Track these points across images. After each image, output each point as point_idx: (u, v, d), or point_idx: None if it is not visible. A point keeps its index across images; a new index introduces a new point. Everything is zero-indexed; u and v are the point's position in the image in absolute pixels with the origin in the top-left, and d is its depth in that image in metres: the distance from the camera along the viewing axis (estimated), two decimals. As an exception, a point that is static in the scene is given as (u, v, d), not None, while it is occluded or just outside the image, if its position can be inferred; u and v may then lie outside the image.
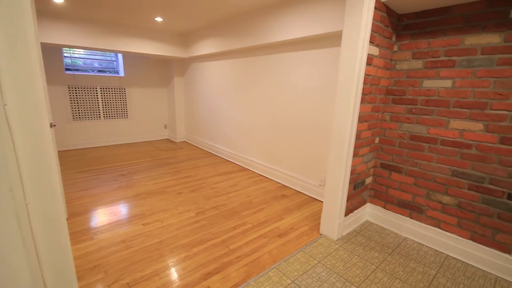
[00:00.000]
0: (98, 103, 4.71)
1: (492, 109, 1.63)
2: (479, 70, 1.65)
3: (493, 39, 1.59)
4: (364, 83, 1.83)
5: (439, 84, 1.82)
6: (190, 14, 3.28)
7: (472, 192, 1.76)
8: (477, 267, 1.78)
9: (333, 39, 2.46)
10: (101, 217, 2.30)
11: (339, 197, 1.96)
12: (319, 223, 2.30)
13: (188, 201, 2.65)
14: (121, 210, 2.44)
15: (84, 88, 4.51)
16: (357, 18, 1.66)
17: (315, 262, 1.79)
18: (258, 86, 3.41)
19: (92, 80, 4.57)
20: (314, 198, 2.83)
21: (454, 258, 1.88)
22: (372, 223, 2.33)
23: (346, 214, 2.11)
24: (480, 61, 1.64)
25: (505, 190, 1.63)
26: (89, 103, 4.63)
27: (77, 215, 2.32)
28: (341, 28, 2.19)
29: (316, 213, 2.49)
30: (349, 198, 2.07)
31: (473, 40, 1.66)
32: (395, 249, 1.96)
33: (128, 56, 4.90)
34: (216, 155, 4.49)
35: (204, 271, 1.67)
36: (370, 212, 2.35)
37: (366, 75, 1.82)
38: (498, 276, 1.69)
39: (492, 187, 1.68)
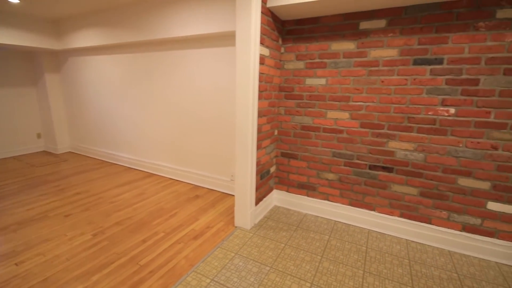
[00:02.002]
0: None
1: (353, 101, 2.09)
2: (343, 70, 2.07)
3: (349, 45, 2.02)
4: (260, 81, 1.99)
5: (317, 82, 2.19)
6: (59, -3, 2.70)
7: (347, 167, 2.22)
8: (355, 226, 2.26)
9: (233, 38, 2.55)
10: None
11: (248, 189, 2.08)
12: (233, 217, 2.38)
13: (80, 223, 2.23)
14: (-24, 254, 1.81)
15: None
16: (246, 20, 1.77)
17: (233, 254, 1.85)
18: (162, 84, 3.18)
19: None
20: (227, 194, 2.90)
21: (340, 222, 2.32)
22: (279, 207, 2.60)
23: (257, 203, 2.27)
24: (343, 63, 2.06)
25: (367, 163, 2.13)
26: None
27: None
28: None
29: (230, 208, 2.57)
30: (257, 188, 2.23)
31: (336, 46, 2.06)
32: (298, 225, 2.25)
33: (-35, 46, 3.61)
34: (115, 163, 3.94)
35: (110, 298, 1.46)
36: (277, 197, 2.61)
37: (260, 73, 1.98)
38: (370, 230, 2.21)
39: (358, 161, 2.16)
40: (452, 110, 1.78)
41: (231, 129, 2.75)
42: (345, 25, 2.00)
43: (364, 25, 1.94)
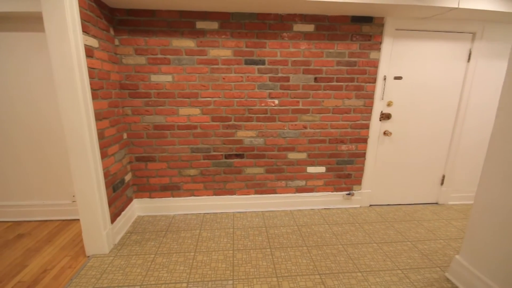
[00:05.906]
0: None
1: (202, 97, 2.19)
2: (188, 67, 2.11)
3: (190, 43, 2.07)
4: (91, 77, 1.67)
5: (164, 78, 2.11)
6: None
7: (206, 161, 2.32)
8: (222, 212, 2.44)
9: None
10: None
11: (98, 207, 1.75)
12: (84, 246, 1.93)
13: None
14: None
15: None
16: (57, 1, 1.42)
17: (88, 291, 1.51)
18: None
19: None
20: (70, 220, 2.31)
21: (208, 213, 2.43)
22: (143, 216, 2.36)
23: (113, 220, 1.95)
24: (186, 60, 2.10)
25: (222, 153, 2.32)
26: None
27: None
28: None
29: (77, 236, 2.07)
30: (111, 202, 1.92)
31: (177, 42, 2.06)
32: (168, 229, 2.15)
33: None
34: None
35: None
36: (138, 206, 2.36)
37: (91, 68, 1.67)
38: (235, 212, 2.44)
39: (215, 153, 2.32)
40: (276, 101, 2.25)
41: (62, 138, 2.17)
42: (182, 22, 2.02)
43: (200, 25, 2.04)
